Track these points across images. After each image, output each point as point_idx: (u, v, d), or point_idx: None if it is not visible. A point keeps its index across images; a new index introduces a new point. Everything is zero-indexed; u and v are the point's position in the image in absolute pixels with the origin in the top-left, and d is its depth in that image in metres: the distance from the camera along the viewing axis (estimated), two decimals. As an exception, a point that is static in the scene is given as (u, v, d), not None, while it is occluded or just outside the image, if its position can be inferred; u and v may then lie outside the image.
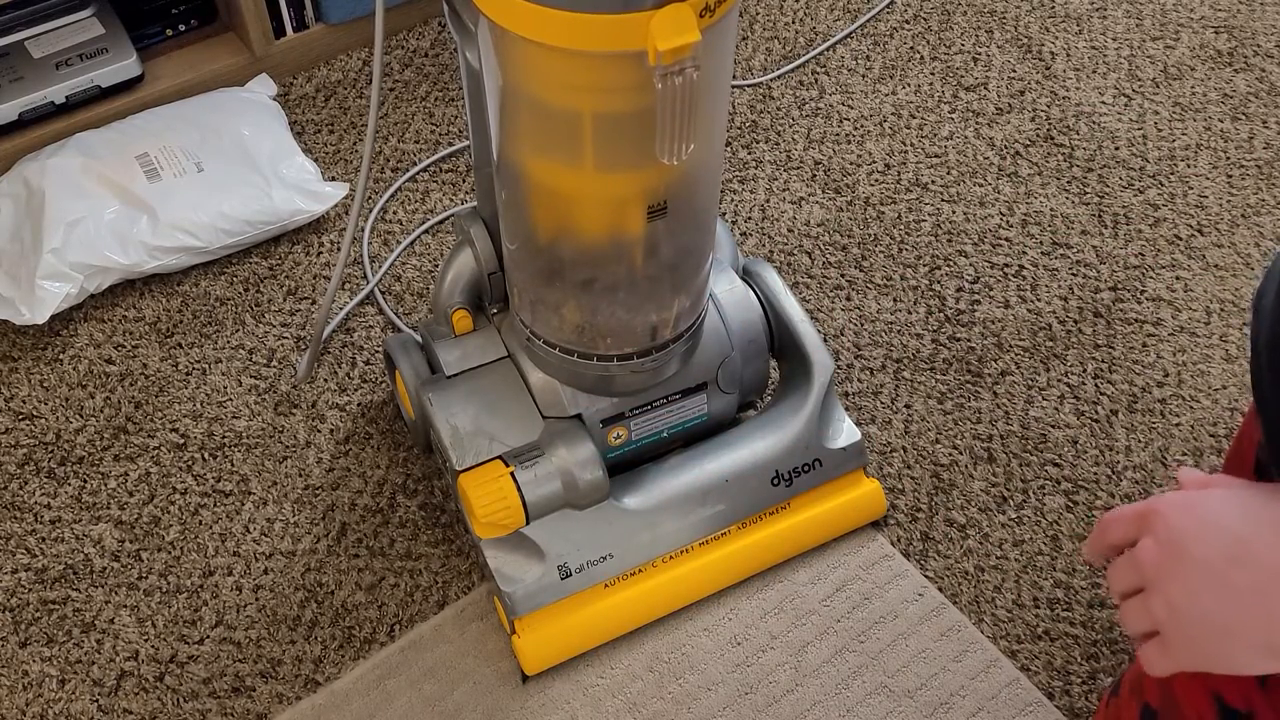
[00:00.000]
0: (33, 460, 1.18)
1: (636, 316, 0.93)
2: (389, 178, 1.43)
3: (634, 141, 0.79)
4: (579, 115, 0.78)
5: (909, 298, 1.31)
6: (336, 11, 1.54)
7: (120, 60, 1.42)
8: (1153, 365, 1.25)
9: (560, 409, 1.01)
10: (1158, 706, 0.77)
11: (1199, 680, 0.71)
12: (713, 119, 0.83)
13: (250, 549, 1.12)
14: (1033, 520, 1.13)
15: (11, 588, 1.10)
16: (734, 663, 1.03)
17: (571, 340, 0.95)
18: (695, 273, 0.94)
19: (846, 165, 1.45)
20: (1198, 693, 0.71)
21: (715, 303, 1.06)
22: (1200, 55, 1.58)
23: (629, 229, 0.85)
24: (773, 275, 1.10)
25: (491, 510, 0.96)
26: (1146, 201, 1.41)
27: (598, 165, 0.81)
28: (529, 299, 0.96)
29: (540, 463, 0.98)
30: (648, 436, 1.05)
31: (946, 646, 1.04)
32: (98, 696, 1.03)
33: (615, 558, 1.01)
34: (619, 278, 0.89)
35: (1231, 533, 0.58)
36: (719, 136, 0.86)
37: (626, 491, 1.03)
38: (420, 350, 1.10)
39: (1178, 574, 0.60)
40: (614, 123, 0.78)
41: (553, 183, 0.84)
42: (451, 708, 1.01)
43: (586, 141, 0.79)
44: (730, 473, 1.05)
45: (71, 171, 1.30)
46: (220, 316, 1.30)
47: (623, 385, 0.99)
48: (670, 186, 0.84)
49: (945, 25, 1.63)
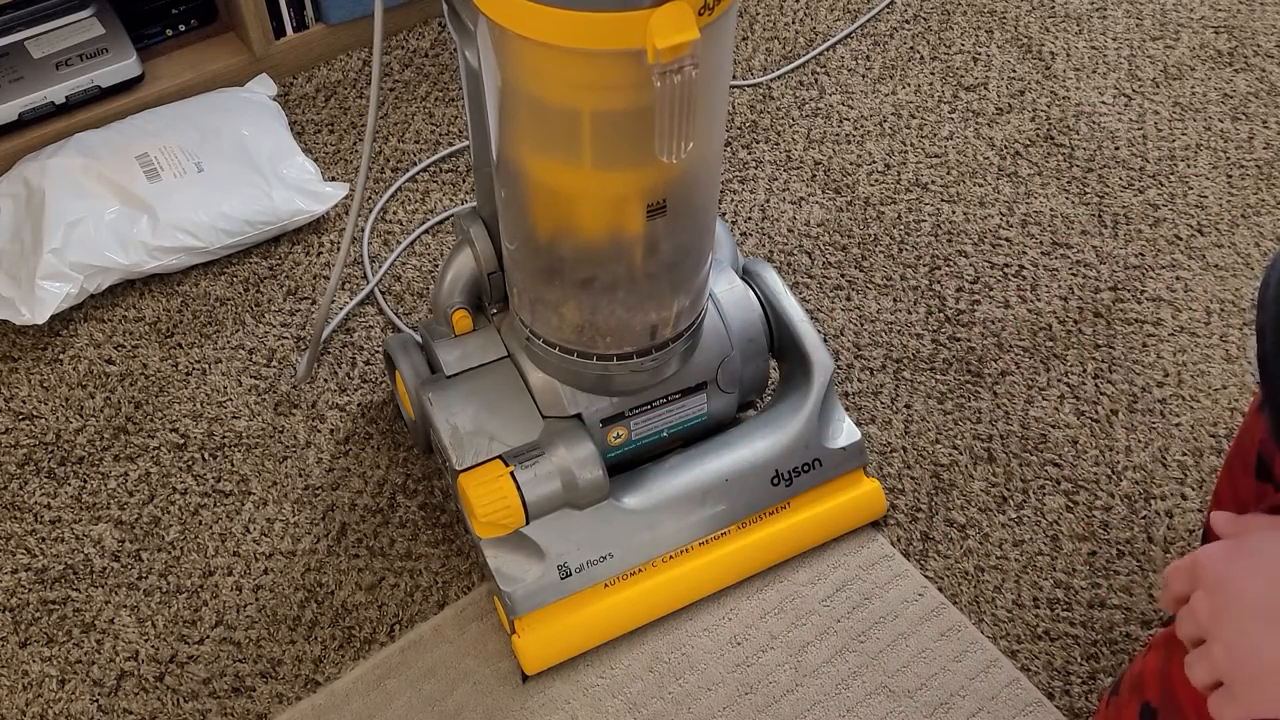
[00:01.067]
0: (33, 460, 1.18)
1: (636, 316, 0.93)
2: (389, 178, 1.43)
3: (633, 140, 0.79)
4: (578, 114, 0.78)
5: (909, 298, 1.31)
6: (336, 11, 1.54)
7: (120, 60, 1.42)
8: (1153, 365, 1.25)
9: (560, 409, 1.01)
10: (1158, 705, 0.76)
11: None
12: (712, 118, 0.83)
13: (250, 549, 1.12)
14: (1033, 520, 1.13)
15: (11, 588, 1.10)
16: (734, 663, 1.03)
17: (571, 340, 0.95)
18: (695, 272, 0.94)
19: (846, 165, 1.45)
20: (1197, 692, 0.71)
21: (715, 302, 1.06)
22: (1200, 55, 1.58)
23: (628, 228, 0.85)
24: (772, 275, 1.10)
25: (491, 510, 0.96)
26: (1146, 201, 1.41)
27: (597, 164, 0.81)
28: (529, 298, 0.96)
29: (540, 462, 0.98)
30: (648, 436, 1.05)
31: (946, 646, 1.04)
32: (98, 696, 1.03)
33: (615, 557, 1.01)
34: (619, 277, 0.89)
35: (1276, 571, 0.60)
36: (718, 135, 0.86)
37: (626, 491, 1.03)
38: (420, 350, 1.10)
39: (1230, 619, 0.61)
40: (613, 121, 0.78)
41: (552, 181, 0.84)
42: (451, 708, 1.01)
43: (586, 140, 0.79)
44: (730, 472, 1.05)
45: (71, 171, 1.30)
46: (220, 316, 1.30)
47: (622, 385, 0.99)
48: (669, 185, 0.84)
49: (945, 25, 1.63)
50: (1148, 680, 0.79)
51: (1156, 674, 0.78)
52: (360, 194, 1.05)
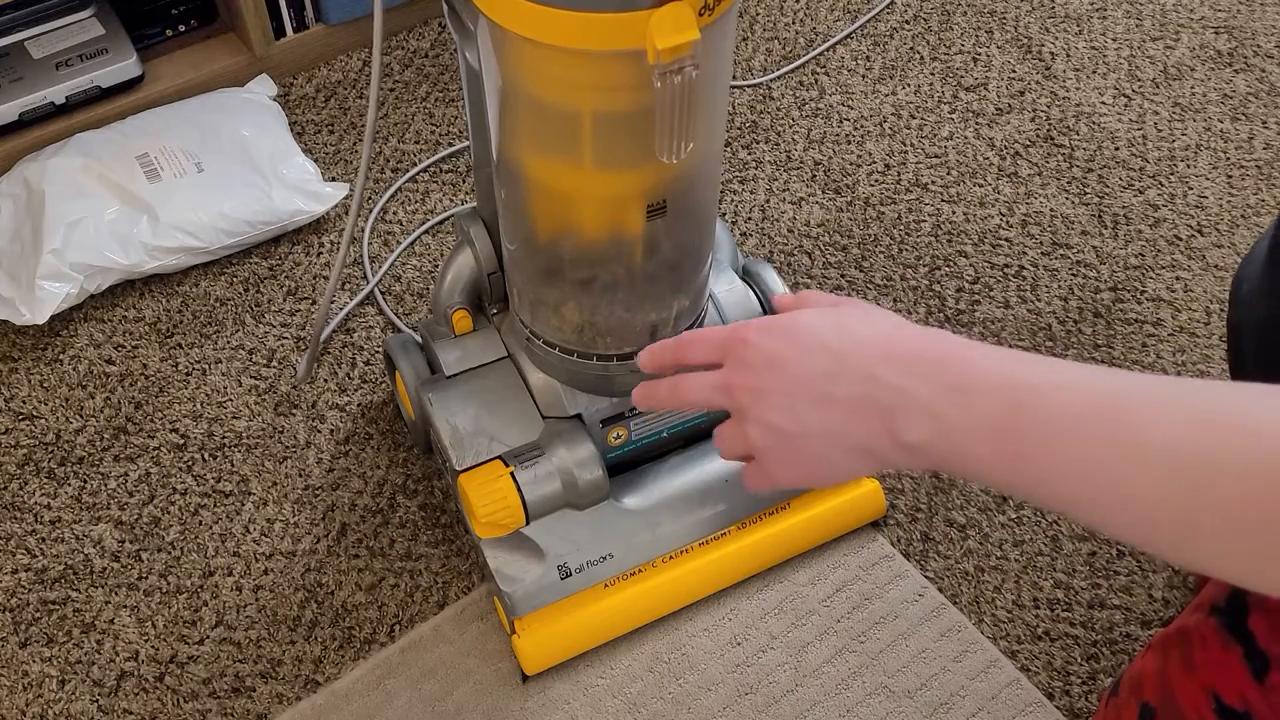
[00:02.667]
0: (33, 460, 1.18)
1: (636, 315, 0.93)
2: (389, 178, 1.43)
3: (633, 140, 0.79)
4: (578, 114, 0.78)
5: (909, 298, 1.31)
6: (336, 11, 1.54)
7: (120, 60, 1.42)
8: (1152, 365, 1.25)
9: (560, 409, 1.01)
10: (1156, 705, 0.76)
11: (1197, 679, 0.71)
12: (712, 118, 0.83)
13: (250, 549, 1.12)
14: (1033, 520, 1.13)
15: (11, 588, 1.10)
16: (734, 663, 1.03)
17: (571, 340, 0.95)
18: (695, 272, 0.94)
19: (846, 165, 1.45)
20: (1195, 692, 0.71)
21: (715, 302, 1.06)
22: (1200, 55, 1.58)
23: (628, 228, 0.85)
24: (772, 275, 1.10)
25: (491, 510, 0.96)
26: (1146, 202, 1.41)
27: (597, 164, 0.81)
28: (529, 299, 0.96)
29: (540, 463, 0.98)
30: (648, 436, 1.05)
31: (946, 647, 1.04)
32: (98, 696, 1.03)
33: (615, 558, 1.01)
34: (618, 277, 0.89)
35: (830, 350, 0.61)
36: (719, 136, 0.86)
37: (626, 491, 1.03)
38: (420, 350, 1.10)
39: (777, 396, 0.62)
40: (613, 122, 0.78)
41: (552, 181, 0.84)
42: (451, 708, 1.01)
43: (586, 140, 0.79)
44: (730, 473, 1.05)
45: (71, 172, 1.30)
46: (220, 317, 1.30)
47: (623, 385, 0.99)
48: (669, 185, 0.84)
49: (945, 25, 1.63)
50: (1146, 681, 0.80)
51: (1155, 674, 0.78)
52: (358, 195, 1.05)
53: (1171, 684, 0.74)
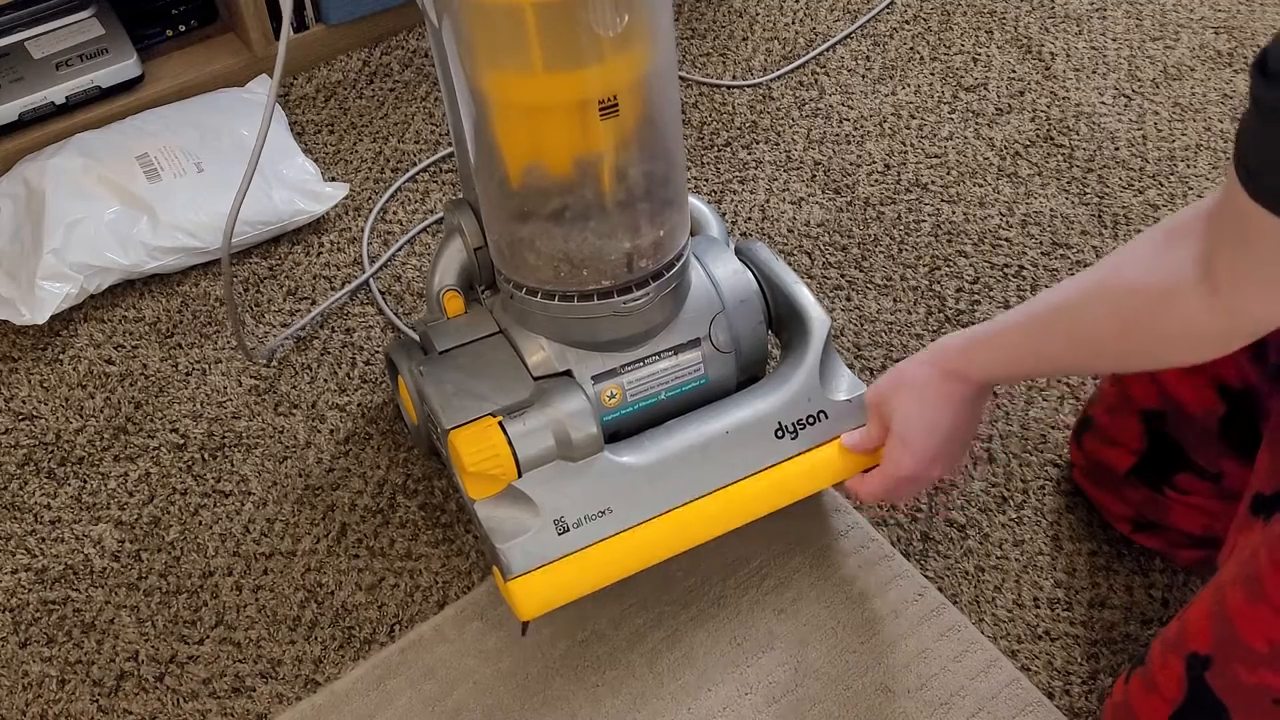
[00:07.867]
0: (33, 460, 1.18)
1: (610, 243, 0.94)
2: (389, 178, 1.43)
3: (577, 30, 0.83)
4: (520, 10, 0.82)
5: (909, 298, 1.31)
6: (336, 12, 1.54)
7: (120, 60, 1.43)
8: (1153, 365, 1.25)
9: (550, 368, 1.00)
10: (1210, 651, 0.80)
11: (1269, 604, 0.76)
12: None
13: (250, 549, 1.12)
14: (1033, 520, 1.13)
15: (11, 588, 1.10)
16: (734, 662, 1.03)
17: (549, 280, 0.96)
18: (664, 191, 0.95)
19: (846, 165, 1.45)
20: (1266, 619, 0.76)
21: (704, 267, 1.05)
22: (1200, 55, 1.58)
23: (590, 142, 0.89)
24: (764, 249, 1.10)
25: (481, 460, 0.94)
26: (1146, 202, 1.41)
27: (547, 66, 0.85)
28: (505, 242, 0.97)
29: (530, 414, 0.97)
30: (644, 399, 1.03)
31: (946, 646, 1.04)
32: (98, 697, 1.03)
33: (614, 512, 0.98)
34: (588, 204, 0.92)
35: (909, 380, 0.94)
36: (663, 28, 0.89)
37: (625, 449, 1.01)
38: (421, 353, 1.10)
39: (896, 416, 0.95)
40: (554, 13, 0.82)
41: (509, 95, 0.88)
42: (451, 708, 1.01)
43: (532, 37, 0.83)
44: (731, 425, 1.02)
45: (71, 172, 1.30)
46: (220, 316, 1.30)
47: (609, 331, 0.99)
48: (620, 79, 0.87)
49: (945, 25, 1.63)
50: (1192, 630, 0.82)
51: (1207, 617, 0.80)
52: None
53: (1230, 617, 0.78)
